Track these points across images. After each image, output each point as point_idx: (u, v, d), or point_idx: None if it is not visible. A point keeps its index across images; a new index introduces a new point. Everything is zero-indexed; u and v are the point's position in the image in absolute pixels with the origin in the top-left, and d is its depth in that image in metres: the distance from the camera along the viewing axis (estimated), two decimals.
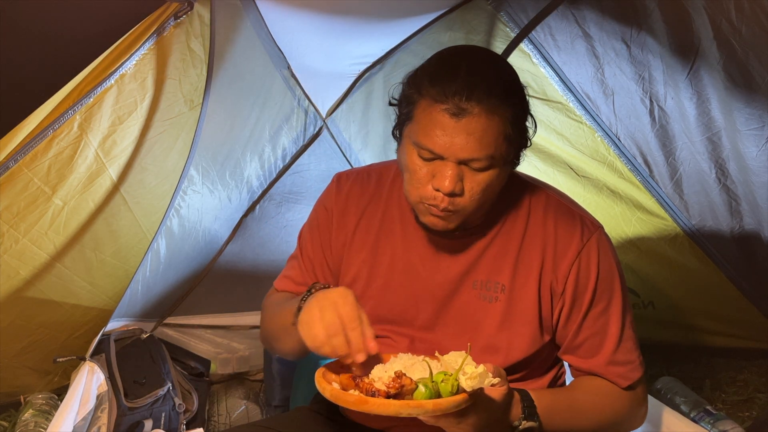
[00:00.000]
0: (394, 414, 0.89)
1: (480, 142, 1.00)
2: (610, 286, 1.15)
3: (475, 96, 0.99)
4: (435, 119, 1.01)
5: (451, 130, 1.00)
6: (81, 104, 1.54)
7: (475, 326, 1.17)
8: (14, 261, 1.68)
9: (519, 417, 1.04)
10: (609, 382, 1.17)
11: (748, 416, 1.97)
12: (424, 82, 1.04)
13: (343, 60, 2.04)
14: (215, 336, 2.37)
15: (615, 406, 1.18)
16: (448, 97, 0.99)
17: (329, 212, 1.27)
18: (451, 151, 1.01)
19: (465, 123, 0.99)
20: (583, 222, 1.16)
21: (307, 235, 1.31)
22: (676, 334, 2.27)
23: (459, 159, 1.02)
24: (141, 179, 1.81)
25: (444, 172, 1.03)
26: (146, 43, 1.57)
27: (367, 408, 0.90)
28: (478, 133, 1.00)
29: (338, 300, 1.00)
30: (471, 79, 0.99)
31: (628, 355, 1.17)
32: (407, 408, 0.88)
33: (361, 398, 0.92)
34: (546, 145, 2.13)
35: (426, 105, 1.02)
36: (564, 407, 1.13)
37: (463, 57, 1.06)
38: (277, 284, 1.35)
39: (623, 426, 1.22)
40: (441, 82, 1.01)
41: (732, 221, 1.98)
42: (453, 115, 0.99)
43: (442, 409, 0.89)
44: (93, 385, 1.73)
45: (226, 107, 1.92)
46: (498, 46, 2.02)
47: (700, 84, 1.71)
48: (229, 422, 2.11)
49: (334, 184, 1.30)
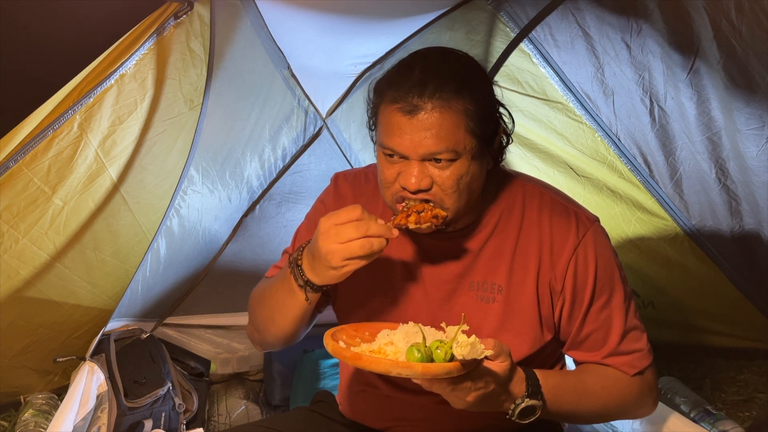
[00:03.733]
0: (384, 371, 0.91)
1: (437, 136, 1.02)
2: (609, 278, 1.15)
3: (427, 92, 1.02)
4: (392, 119, 1.04)
5: (407, 127, 1.03)
6: (81, 104, 1.54)
7: (475, 328, 1.16)
8: (14, 261, 1.68)
9: (522, 394, 1.03)
10: (616, 369, 1.17)
11: (748, 416, 1.97)
12: (383, 86, 1.08)
13: (343, 60, 2.04)
14: (215, 336, 2.37)
15: (623, 392, 1.17)
16: (402, 96, 1.03)
17: (327, 210, 1.27)
18: (411, 148, 1.04)
19: (419, 119, 1.02)
20: (578, 217, 1.16)
21: (304, 231, 1.32)
22: (676, 334, 2.27)
23: (420, 156, 1.04)
24: (141, 179, 1.81)
25: (409, 170, 1.05)
26: (146, 43, 1.57)
27: (360, 363, 0.92)
28: (434, 128, 1.02)
29: (324, 222, 1.02)
30: (423, 76, 1.03)
31: (635, 344, 1.17)
32: (397, 367, 0.90)
33: (355, 354, 0.94)
34: (546, 145, 2.13)
35: (384, 107, 1.06)
36: (570, 389, 1.13)
37: (419, 58, 1.09)
38: (268, 274, 1.35)
39: (632, 412, 1.22)
40: (396, 84, 1.04)
41: (732, 221, 1.98)
42: (407, 112, 1.02)
43: (432, 373, 0.91)
44: (93, 385, 1.73)
45: (226, 107, 1.92)
46: (498, 46, 2.02)
47: (700, 84, 1.71)
48: (229, 422, 2.11)
49: (333, 184, 1.32)
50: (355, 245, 1.00)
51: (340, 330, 1.04)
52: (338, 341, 0.99)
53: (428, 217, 1.06)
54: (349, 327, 1.07)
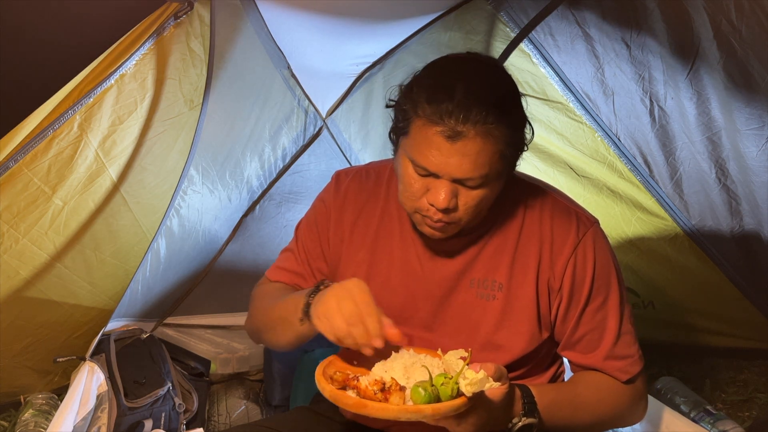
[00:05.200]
0: (393, 418, 0.89)
1: (475, 163, 1.01)
2: (606, 281, 1.16)
3: (471, 119, 0.98)
4: (430, 140, 1.01)
5: (446, 151, 1.00)
6: (81, 104, 1.54)
7: (474, 325, 1.17)
8: (14, 261, 1.68)
9: (519, 413, 1.04)
10: (609, 377, 1.17)
11: (748, 416, 1.97)
12: (420, 99, 1.02)
13: (343, 60, 2.04)
14: (215, 336, 2.37)
15: (615, 401, 1.18)
16: (444, 118, 0.98)
17: (327, 208, 1.28)
18: (446, 170, 1.02)
19: (461, 145, 0.99)
20: (578, 218, 1.16)
21: (304, 229, 1.32)
22: (676, 334, 2.27)
23: (453, 178, 1.03)
24: (141, 179, 1.81)
25: (438, 188, 1.04)
26: (146, 43, 1.57)
27: (366, 411, 0.90)
28: (473, 155, 1.00)
29: (354, 289, 1.01)
30: (466, 101, 0.98)
31: (627, 349, 1.17)
32: (406, 413, 0.88)
33: (359, 401, 0.92)
34: (546, 145, 2.13)
35: (421, 124, 1.02)
36: (566, 403, 1.13)
37: (460, 74, 1.04)
38: (270, 275, 1.36)
39: (624, 420, 1.23)
40: (436, 102, 1.00)
41: (732, 221, 1.98)
42: (448, 137, 0.99)
43: (441, 413, 0.90)
44: (93, 385, 1.73)
45: (226, 107, 1.92)
46: (498, 46, 2.02)
47: (700, 84, 1.71)
48: (229, 422, 2.11)
49: (334, 182, 1.32)
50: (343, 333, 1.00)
51: (329, 365, 1.03)
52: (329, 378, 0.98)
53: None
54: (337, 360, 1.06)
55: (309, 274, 1.31)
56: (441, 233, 1.11)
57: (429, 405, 0.89)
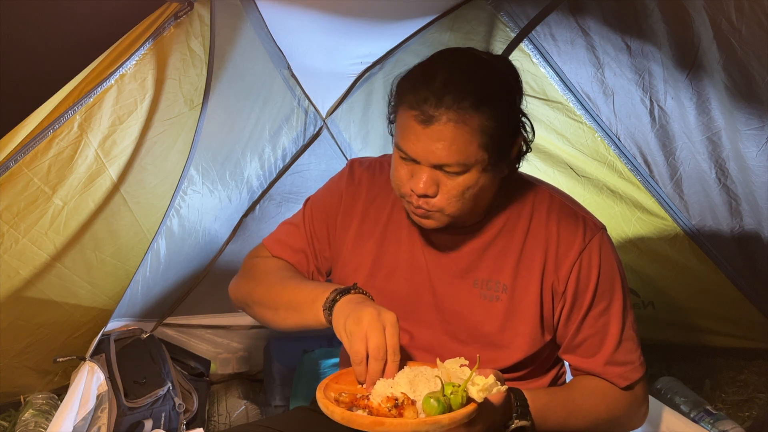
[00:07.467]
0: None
1: (449, 149, 1.02)
2: (611, 286, 1.16)
3: (444, 103, 1.00)
4: (408, 125, 1.04)
5: (421, 135, 1.03)
6: (81, 104, 1.54)
7: (476, 325, 1.17)
8: (14, 261, 1.68)
9: (512, 415, 1.05)
10: (608, 382, 1.17)
11: (748, 416, 1.97)
12: (405, 86, 1.07)
13: (343, 60, 2.04)
14: (215, 336, 2.37)
15: (612, 407, 1.18)
16: (420, 103, 1.02)
17: (339, 195, 1.29)
18: (422, 156, 1.04)
19: (433, 130, 1.02)
20: (585, 223, 1.17)
21: (313, 208, 1.33)
22: (676, 334, 2.27)
23: (431, 164, 1.04)
24: (141, 179, 1.81)
25: (419, 174, 1.06)
26: (146, 43, 1.57)
27: (384, 428, 0.91)
28: (446, 140, 1.02)
29: (389, 326, 1.02)
30: (444, 87, 1.01)
31: (628, 356, 1.17)
32: (425, 425, 0.90)
33: (376, 420, 0.92)
34: (546, 145, 2.13)
35: (402, 110, 1.06)
36: (559, 407, 1.13)
37: (444, 64, 1.07)
38: (271, 248, 1.36)
39: (622, 425, 1.23)
40: (416, 88, 1.03)
41: (732, 221, 1.98)
42: (422, 121, 1.02)
43: (457, 421, 0.91)
44: (93, 385, 1.73)
45: (226, 107, 1.92)
46: (498, 46, 2.02)
47: (700, 84, 1.71)
48: (229, 422, 2.11)
49: (347, 169, 1.32)
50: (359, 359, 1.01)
51: (327, 388, 1.03)
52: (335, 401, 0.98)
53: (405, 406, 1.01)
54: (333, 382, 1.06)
55: (311, 254, 1.31)
56: (428, 221, 1.11)
57: (446, 415, 0.91)
